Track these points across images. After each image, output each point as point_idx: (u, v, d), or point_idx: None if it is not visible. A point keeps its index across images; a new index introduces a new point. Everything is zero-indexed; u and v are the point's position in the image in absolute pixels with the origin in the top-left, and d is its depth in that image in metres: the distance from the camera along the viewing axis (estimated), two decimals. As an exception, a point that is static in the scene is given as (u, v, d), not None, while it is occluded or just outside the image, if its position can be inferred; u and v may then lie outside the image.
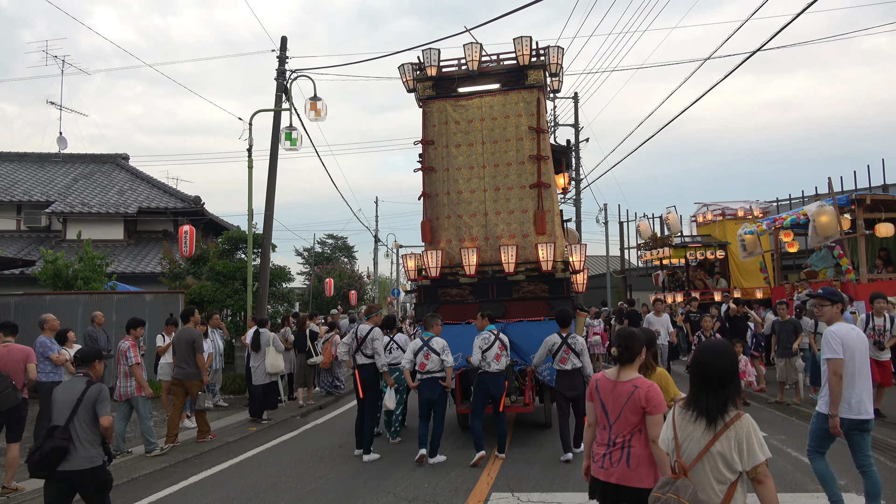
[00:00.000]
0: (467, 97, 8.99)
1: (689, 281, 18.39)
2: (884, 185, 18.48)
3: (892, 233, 12.49)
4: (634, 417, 3.43)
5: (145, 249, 20.16)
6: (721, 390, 2.82)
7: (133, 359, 7.81)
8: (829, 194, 12.81)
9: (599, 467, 3.52)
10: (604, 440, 3.55)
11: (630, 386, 3.47)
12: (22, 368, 6.45)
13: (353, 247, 47.31)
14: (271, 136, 13.76)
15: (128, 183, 22.61)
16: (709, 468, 2.77)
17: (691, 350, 11.89)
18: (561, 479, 6.28)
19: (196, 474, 7.00)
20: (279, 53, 14.06)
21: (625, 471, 3.40)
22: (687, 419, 2.88)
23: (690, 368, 3.05)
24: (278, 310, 15.74)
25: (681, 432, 2.90)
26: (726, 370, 2.86)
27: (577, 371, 7.16)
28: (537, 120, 8.71)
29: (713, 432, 2.78)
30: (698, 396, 2.88)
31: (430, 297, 8.76)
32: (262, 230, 14.04)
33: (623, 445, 3.45)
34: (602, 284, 26.93)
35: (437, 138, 9.04)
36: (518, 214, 8.68)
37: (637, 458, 3.40)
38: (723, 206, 18.99)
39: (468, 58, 8.88)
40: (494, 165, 8.80)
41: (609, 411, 3.52)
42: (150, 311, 12.83)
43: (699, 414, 2.83)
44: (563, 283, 8.43)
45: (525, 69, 8.77)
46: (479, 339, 7.25)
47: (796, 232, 14.57)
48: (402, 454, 7.51)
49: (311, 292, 27.05)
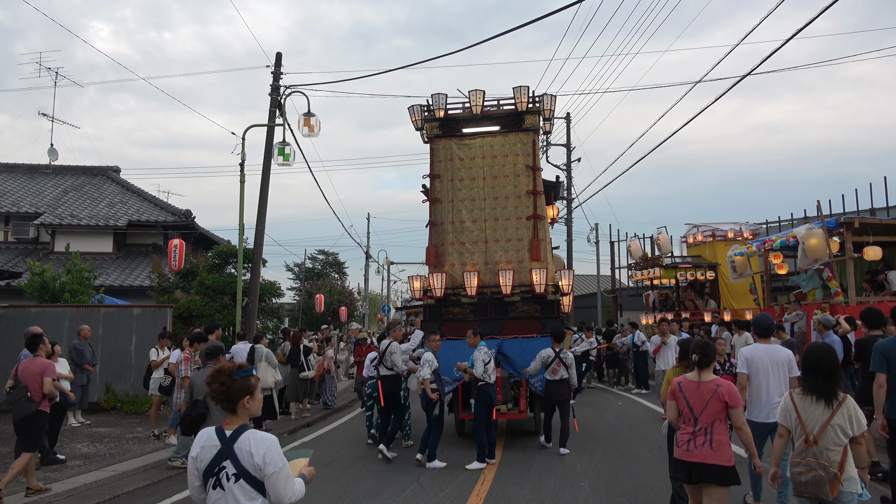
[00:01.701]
0: (471, 137, 10.07)
1: (680, 302, 18.43)
2: (871, 209, 18.68)
3: (880, 256, 12.59)
4: (717, 409, 4.32)
5: (134, 263, 20.01)
6: (832, 379, 3.85)
7: (184, 372, 8.08)
8: (819, 217, 12.91)
9: (685, 451, 4.37)
10: (688, 430, 4.40)
11: (713, 385, 4.39)
12: (39, 382, 6.62)
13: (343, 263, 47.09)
14: (264, 150, 13.76)
15: (118, 196, 22.50)
16: (831, 436, 3.79)
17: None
18: (550, 499, 6.22)
19: (180, 492, 6.87)
20: (273, 69, 14.11)
21: (708, 452, 4.27)
22: (808, 402, 3.89)
23: (802, 365, 4.10)
24: (267, 325, 15.63)
25: (804, 413, 3.89)
26: (833, 363, 3.91)
27: (565, 381, 8.45)
28: (533, 159, 9.82)
29: (831, 410, 3.81)
30: (815, 385, 3.89)
31: (435, 315, 9.75)
32: (253, 245, 13.98)
33: (706, 432, 4.32)
34: (593, 304, 26.95)
35: (442, 173, 10.06)
36: (514, 242, 9.73)
37: (718, 442, 4.28)
38: (713, 228, 19.09)
39: (472, 102, 9.96)
40: (494, 198, 9.86)
41: (693, 406, 4.41)
42: (138, 325, 12.69)
43: (818, 396, 3.85)
44: (553, 304, 9.50)
45: (522, 114, 9.86)
46: (481, 353, 7.98)
47: (786, 254, 14.65)
48: (391, 473, 7.42)
49: (301, 308, 26.89)
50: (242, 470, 2.78)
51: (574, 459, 7.98)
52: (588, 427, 10.46)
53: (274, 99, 13.93)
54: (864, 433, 3.80)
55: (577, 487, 6.65)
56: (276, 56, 14.22)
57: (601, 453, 8.31)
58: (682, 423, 4.50)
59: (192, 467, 2.88)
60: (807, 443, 3.83)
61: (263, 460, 2.78)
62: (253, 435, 2.84)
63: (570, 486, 6.69)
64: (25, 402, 6.56)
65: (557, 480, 6.95)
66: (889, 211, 18.17)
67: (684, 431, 4.44)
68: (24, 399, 6.56)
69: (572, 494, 6.39)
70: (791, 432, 4.00)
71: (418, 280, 10.06)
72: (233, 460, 2.79)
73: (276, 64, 14.13)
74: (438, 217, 10.08)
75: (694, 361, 4.49)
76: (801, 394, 3.96)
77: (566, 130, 26.52)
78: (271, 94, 13.97)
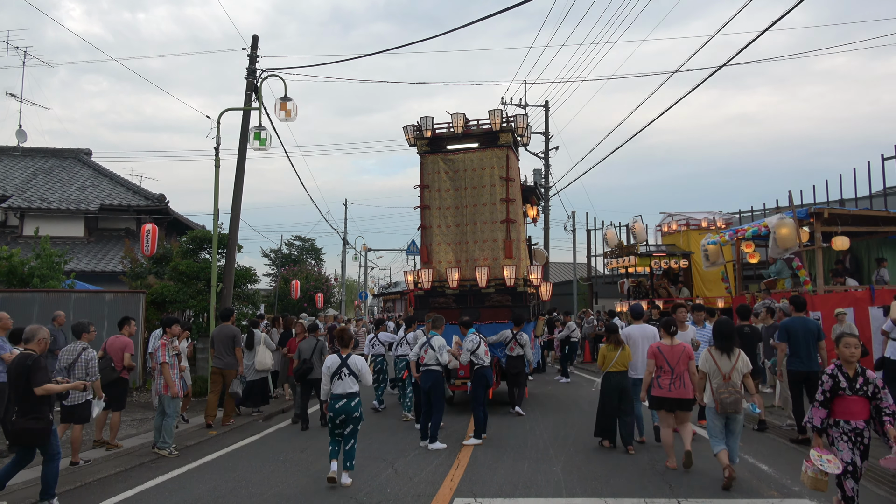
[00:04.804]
0: (454, 152, 11.63)
1: (654, 289, 18.66)
2: (840, 200, 19.06)
3: (848, 246, 12.88)
4: (684, 362, 6.83)
5: (106, 247, 19.67)
6: (731, 340, 6.36)
7: (161, 357, 8.04)
8: (790, 207, 13.16)
9: (667, 391, 6.79)
10: (667, 377, 6.81)
11: (681, 346, 6.98)
12: (121, 356, 8.22)
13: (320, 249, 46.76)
14: (240, 135, 13.56)
15: (90, 179, 22.05)
16: (736, 375, 6.25)
17: None
18: (524, 484, 6.31)
19: (153, 479, 6.84)
20: (250, 52, 13.87)
21: (682, 391, 6.75)
22: (719, 355, 6.34)
23: (714, 333, 6.51)
24: (243, 311, 15.47)
25: (719, 362, 6.32)
26: (731, 331, 6.42)
27: (521, 357, 10.36)
28: (506, 171, 11.29)
29: (734, 359, 6.31)
30: (723, 344, 6.34)
31: (423, 304, 11.33)
32: (228, 230, 13.81)
33: (679, 377, 6.78)
34: (569, 291, 27.18)
35: (431, 183, 11.65)
36: (490, 243, 11.30)
37: (686, 384, 6.77)
38: (687, 217, 19.31)
39: (454, 124, 11.56)
40: (474, 205, 11.43)
41: (670, 361, 6.84)
42: (110, 310, 12.51)
43: (724, 352, 6.34)
44: (523, 294, 11.09)
45: (497, 133, 11.32)
46: (467, 341, 8.93)
47: (757, 243, 14.90)
48: (364, 458, 7.44)
49: (276, 294, 26.68)
50: (350, 370, 6.55)
51: (548, 444, 8.10)
52: (563, 413, 10.62)
53: (250, 82, 13.71)
54: (749, 370, 6.39)
55: (550, 472, 6.75)
56: (252, 39, 13.99)
57: (574, 438, 8.44)
58: (661, 374, 6.83)
59: (326, 371, 6.59)
60: (725, 379, 6.21)
61: (359, 368, 6.57)
62: (354, 357, 6.64)
63: (544, 471, 6.79)
64: (110, 371, 8.05)
65: (531, 465, 7.05)
66: (857, 202, 18.56)
67: (664, 379, 6.80)
68: (108, 368, 8.05)
69: (545, 478, 6.49)
70: (708, 374, 6.36)
71: (411, 274, 11.84)
72: (347, 367, 6.55)
73: (252, 47, 13.90)
74: (428, 221, 11.65)
75: (670, 333, 7.09)
76: (716, 350, 6.39)
77: (544, 119, 26.58)
78: (247, 77, 13.74)
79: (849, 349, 5.06)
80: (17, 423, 5.59)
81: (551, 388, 14.20)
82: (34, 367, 5.63)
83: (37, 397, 5.63)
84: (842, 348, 5.11)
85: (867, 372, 5.03)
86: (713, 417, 6.33)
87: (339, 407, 6.49)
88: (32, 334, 5.92)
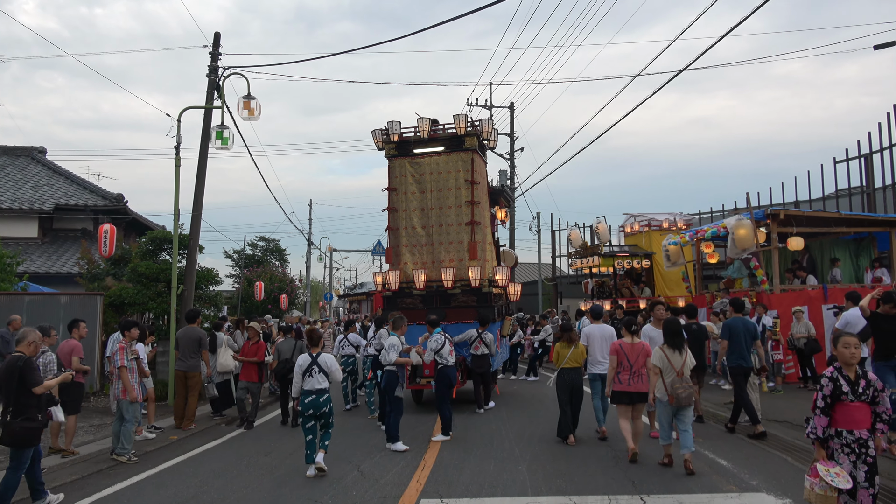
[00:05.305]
0: (420, 156, 11.73)
1: (617, 289, 18.95)
2: (795, 202, 19.65)
3: (803, 246, 13.29)
4: (643, 359, 7.27)
5: (62, 248, 19.10)
6: (679, 337, 6.87)
7: (119, 361, 7.79)
8: (747, 209, 13.51)
9: (627, 385, 7.26)
10: (626, 373, 7.28)
11: (641, 344, 7.47)
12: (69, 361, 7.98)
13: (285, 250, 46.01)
14: (201, 134, 13.32)
15: (44, 178, 21.39)
16: (686, 370, 6.71)
17: None
18: (489, 484, 6.33)
19: (111, 486, 6.66)
20: (212, 50, 13.63)
21: (640, 385, 7.19)
22: (670, 352, 6.77)
23: (664, 331, 7.01)
24: (205, 313, 15.18)
25: (671, 359, 6.73)
26: (679, 329, 6.97)
27: (486, 356, 10.59)
28: (471, 174, 11.40)
29: (683, 355, 6.77)
30: (673, 342, 6.81)
31: (391, 305, 11.50)
32: (189, 230, 13.54)
33: (638, 373, 7.24)
34: (534, 292, 27.40)
35: (398, 186, 11.75)
36: (456, 244, 11.45)
37: (644, 379, 7.18)
38: (649, 218, 19.67)
39: (420, 128, 11.67)
40: (440, 208, 11.54)
41: (630, 357, 7.30)
42: (66, 313, 12.13)
43: (674, 349, 6.79)
44: (488, 295, 11.25)
45: (463, 137, 11.43)
46: (432, 341, 8.98)
47: (716, 244, 15.27)
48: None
49: (240, 295, 26.25)
50: (321, 368, 7.02)
51: (513, 443, 8.14)
52: (529, 411, 10.70)
53: (212, 80, 13.47)
54: (695, 366, 6.98)
55: (516, 471, 6.79)
56: (214, 36, 13.74)
57: (539, 436, 8.51)
58: (621, 370, 7.32)
59: (298, 369, 7.07)
60: (678, 375, 6.64)
61: (329, 366, 7.05)
62: (324, 355, 7.14)
63: (509, 470, 6.83)
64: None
65: (497, 464, 7.08)
66: (811, 203, 19.16)
67: (624, 374, 7.30)
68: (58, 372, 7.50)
69: (511, 478, 6.52)
70: (662, 370, 6.72)
71: (380, 275, 11.99)
72: (317, 365, 7.03)
73: (214, 44, 13.66)
74: (395, 223, 11.79)
75: (631, 332, 7.54)
76: (668, 347, 6.81)
77: (510, 120, 26.74)
78: (209, 75, 13.49)
79: (849, 350, 4.47)
80: (10, 424, 5.66)
81: (517, 387, 14.29)
82: (26, 368, 5.73)
83: (28, 398, 5.72)
84: (841, 349, 4.53)
85: (868, 374, 4.54)
86: (665, 410, 6.78)
87: (310, 402, 6.99)
88: (23, 336, 6.00)
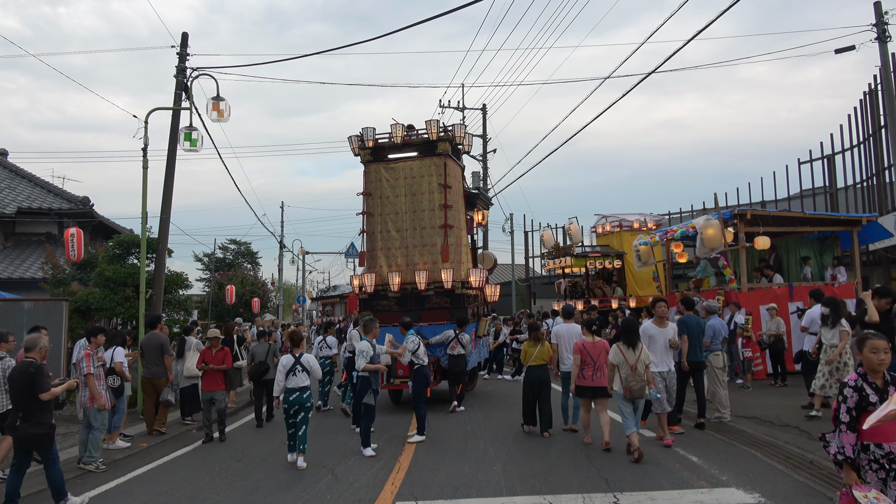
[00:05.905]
0: (395, 161, 11.97)
1: (589, 289, 19.13)
2: (762, 202, 20.08)
3: (769, 245, 13.58)
4: (603, 356, 7.74)
5: (25, 253, 18.61)
6: (634, 335, 7.38)
7: (86, 369, 7.61)
8: (715, 209, 13.74)
9: (590, 380, 7.80)
10: (590, 369, 7.82)
11: (601, 343, 8.03)
12: None
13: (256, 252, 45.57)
14: (169, 135, 13.11)
15: (5, 181, 20.82)
16: (641, 365, 7.23)
17: None
18: (464, 485, 6.33)
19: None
20: (179, 50, 13.44)
21: (602, 380, 7.71)
22: (626, 349, 7.28)
23: (620, 329, 7.65)
24: (174, 318, 14.92)
25: (626, 354, 7.26)
26: (634, 327, 7.48)
27: (462, 356, 10.88)
28: (444, 178, 11.61)
29: (637, 351, 7.28)
30: (629, 339, 7.31)
31: (367, 307, 11.78)
32: (158, 234, 13.31)
33: (600, 369, 7.78)
34: (508, 292, 27.54)
35: (373, 191, 12.00)
36: (429, 247, 11.66)
37: (604, 375, 7.68)
38: (620, 218, 19.91)
39: (394, 134, 11.93)
40: (414, 211, 11.78)
41: (592, 355, 7.86)
42: (29, 319, 11.77)
43: (629, 346, 7.29)
44: (461, 297, 11.43)
45: (435, 142, 11.67)
46: (408, 342, 9.15)
47: (686, 243, 15.51)
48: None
49: (210, 300, 25.91)
50: (303, 367, 7.52)
51: (488, 444, 8.16)
52: (504, 411, 10.73)
53: (180, 81, 13.27)
54: (650, 362, 7.41)
55: (491, 471, 6.80)
56: (182, 36, 13.55)
57: (514, 437, 8.54)
58: (584, 367, 7.85)
59: (282, 369, 7.53)
60: (632, 370, 7.16)
61: (311, 365, 7.58)
62: (306, 356, 7.63)
63: (484, 471, 6.84)
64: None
65: (471, 465, 7.08)
66: (777, 203, 19.60)
67: (588, 370, 7.82)
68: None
69: (486, 478, 6.54)
70: (617, 366, 7.26)
71: (356, 279, 12.17)
72: (300, 364, 7.51)
73: (182, 45, 13.47)
74: (370, 227, 12.06)
75: (592, 331, 8.12)
76: (623, 344, 7.31)
77: (482, 121, 26.85)
78: (177, 76, 13.29)
79: (877, 355, 3.86)
80: (21, 429, 5.86)
81: (493, 386, 14.33)
82: (37, 375, 5.90)
83: (38, 403, 5.89)
84: (867, 354, 3.90)
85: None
86: (623, 403, 7.26)
87: (293, 399, 7.53)
88: (34, 343, 6.15)
